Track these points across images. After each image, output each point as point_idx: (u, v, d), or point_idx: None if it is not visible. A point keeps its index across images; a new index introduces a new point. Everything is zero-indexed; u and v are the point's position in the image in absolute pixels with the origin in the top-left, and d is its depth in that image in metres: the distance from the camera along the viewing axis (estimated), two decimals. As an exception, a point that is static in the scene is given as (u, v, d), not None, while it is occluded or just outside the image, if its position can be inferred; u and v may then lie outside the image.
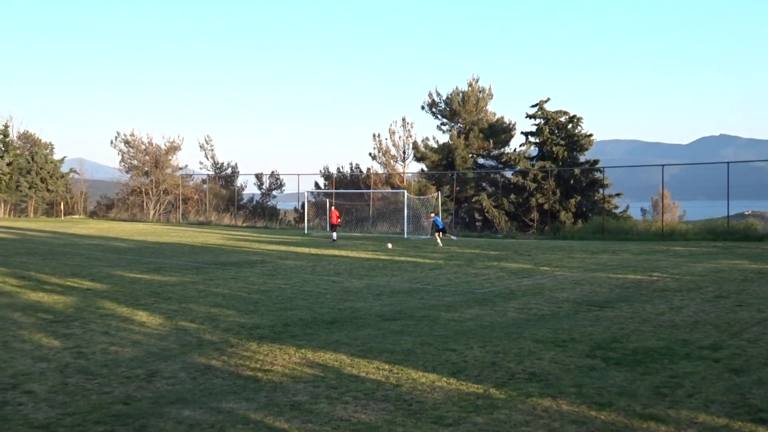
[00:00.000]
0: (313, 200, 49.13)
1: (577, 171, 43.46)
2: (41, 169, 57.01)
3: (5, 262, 19.30)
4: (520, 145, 48.28)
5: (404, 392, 6.80)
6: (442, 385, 7.10)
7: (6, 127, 57.42)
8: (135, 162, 57.71)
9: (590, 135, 45.04)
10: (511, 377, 7.39)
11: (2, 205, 55.97)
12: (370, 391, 6.84)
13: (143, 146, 57.63)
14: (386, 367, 7.80)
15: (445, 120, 50.57)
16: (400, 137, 50.23)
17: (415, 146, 49.71)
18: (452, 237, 33.38)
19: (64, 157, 60.31)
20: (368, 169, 51.13)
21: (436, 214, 37.49)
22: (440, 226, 30.99)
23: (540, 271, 18.57)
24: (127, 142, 57.50)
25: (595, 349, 8.75)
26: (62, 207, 57.07)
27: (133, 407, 6.29)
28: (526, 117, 46.13)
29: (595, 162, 44.95)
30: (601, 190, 43.00)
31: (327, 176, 52.11)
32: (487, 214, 44.67)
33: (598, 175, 43.87)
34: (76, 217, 57.29)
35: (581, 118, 45.17)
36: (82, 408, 6.24)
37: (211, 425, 5.79)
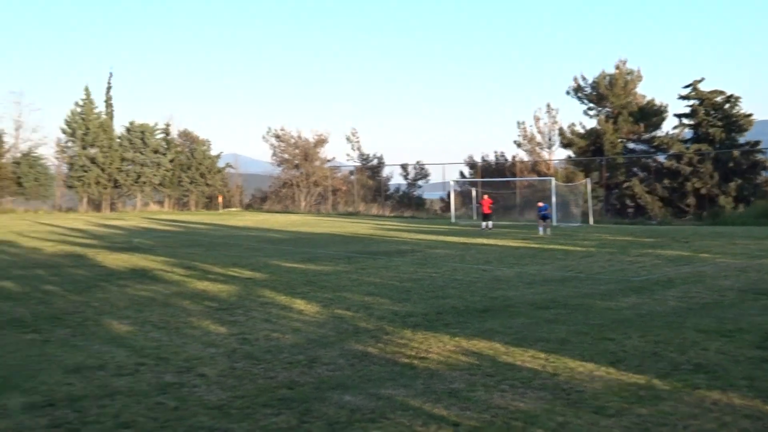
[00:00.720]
0: (459, 189, 49.10)
1: (736, 153, 41.03)
2: (200, 164, 60.09)
3: (173, 254, 20.48)
4: (673, 128, 46.08)
5: (562, 381, 6.70)
6: (601, 374, 6.93)
7: (168, 126, 60.97)
8: (285, 156, 59.76)
9: (749, 115, 42.34)
10: (674, 368, 7.11)
11: (166, 199, 59.56)
12: (527, 379, 6.79)
13: (293, 140, 59.57)
14: (542, 355, 7.71)
15: (591, 105, 49.06)
16: (545, 124, 49.38)
17: (561, 132, 48.62)
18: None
19: (221, 152, 63.24)
20: (513, 157, 50.55)
21: (585, 201, 36.63)
22: (547, 216, 29.36)
23: (699, 258, 17.72)
24: (277, 137, 59.65)
25: (765, 340, 8.26)
26: (220, 200, 60.01)
27: (297, 392, 6.54)
28: (679, 98, 44.02)
29: (756, 143, 42.15)
30: (763, 173, 40.35)
31: (472, 165, 51.97)
32: (639, 201, 43.07)
33: (760, 156, 41.20)
34: (233, 209, 60.04)
35: (739, 98, 42.50)
36: (250, 391, 6.55)
37: (371, 411, 5.93)
